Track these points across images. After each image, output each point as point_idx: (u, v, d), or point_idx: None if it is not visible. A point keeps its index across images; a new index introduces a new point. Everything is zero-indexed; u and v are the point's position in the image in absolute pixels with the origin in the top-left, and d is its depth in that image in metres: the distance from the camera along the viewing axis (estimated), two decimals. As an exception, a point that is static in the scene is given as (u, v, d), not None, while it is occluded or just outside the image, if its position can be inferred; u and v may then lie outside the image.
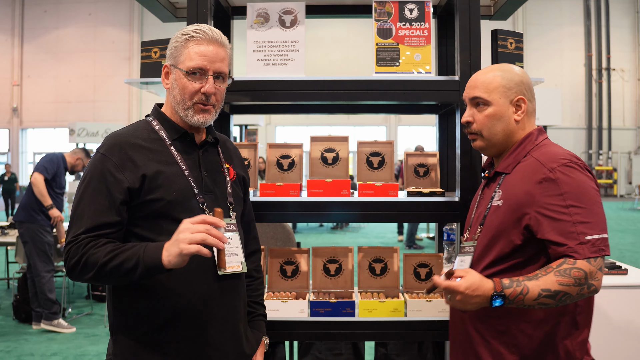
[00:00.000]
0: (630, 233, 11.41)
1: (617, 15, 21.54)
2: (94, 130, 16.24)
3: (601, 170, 21.13)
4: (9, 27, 21.29)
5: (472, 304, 1.37)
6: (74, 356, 4.22)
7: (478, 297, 1.36)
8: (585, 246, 1.36)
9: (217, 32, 1.49)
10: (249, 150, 2.25)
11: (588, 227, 1.37)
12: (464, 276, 1.38)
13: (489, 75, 1.56)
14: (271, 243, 3.44)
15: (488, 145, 1.58)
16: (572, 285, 1.34)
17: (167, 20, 2.63)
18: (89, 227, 1.37)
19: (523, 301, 1.36)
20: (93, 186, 1.40)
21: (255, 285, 1.72)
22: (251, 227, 1.74)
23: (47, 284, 4.73)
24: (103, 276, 1.35)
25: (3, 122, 21.55)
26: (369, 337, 2.06)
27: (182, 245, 1.26)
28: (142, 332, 1.44)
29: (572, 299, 1.37)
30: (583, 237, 1.36)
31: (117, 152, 1.42)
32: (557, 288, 1.34)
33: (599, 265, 1.37)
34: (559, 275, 1.35)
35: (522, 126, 1.56)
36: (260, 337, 1.67)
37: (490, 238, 1.50)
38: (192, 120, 1.48)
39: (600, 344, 2.59)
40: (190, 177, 1.47)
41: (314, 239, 10.63)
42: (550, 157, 1.45)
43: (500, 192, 1.51)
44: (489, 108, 1.54)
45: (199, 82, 1.46)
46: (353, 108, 2.64)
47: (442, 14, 2.49)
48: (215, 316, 1.47)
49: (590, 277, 1.35)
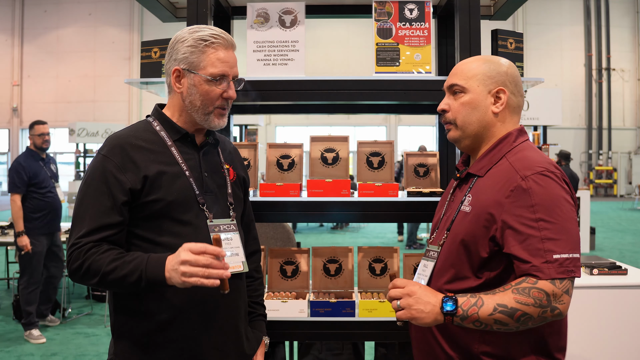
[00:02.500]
0: (630, 233, 11.41)
1: (617, 15, 21.54)
2: (94, 130, 16.23)
3: (601, 170, 21.13)
4: (9, 27, 21.29)
5: (419, 311, 1.28)
6: (74, 356, 4.22)
7: (427, 304, 1.28)
8: (551, 265, 1.24)
9: (230, 36, 1.51)
10: (249, 150, 2.25)
11: (557, 244, 1.25)
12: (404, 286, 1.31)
13: (469, 64, 1.47)
14: (271, 243, 3.44)
15: (462, 136, 1.47)
16: (532, 305, 1.23)
17: (167, 20, 2.63)
18: (91, 229, 1.38)
19: (478, 315, 1.25)
20: (95, 187, 1.41)
21: (255, 286, 1.72)
22: (251, 228, 1.74)
23: (27, 296, 4.57)
24: (105, 285, 1.37)
25: (3, 122, 21.56)
26: (369, 337, 2.06)
27: (183, 278, 1.28)
28: (143, 332, 1.44)
29: (534, 322, 1.26)
30: (550, 255, 1.24)
31: (118, 153, 1.42)
32: (515, 305, 1.23)
33: (566, 288, 1.25)
34: (517, 293, 1.24)
35: (501, 120, 1.44)
36: (261, 337, 1.67)
37: (455, 246, 1.40)
38: (211, 125, 1.50)
39: (601, 344, 2.59)
40: (191, 178, 1.47)
41: (314, 239, 10.63)
42: (526, 164, 1.34)
43: (470, 197, 1.41)
44: (465, 95, 1.44)
45: (219, 87, 1.47)
46: (353, 108, 2.64)
47: (442, 14, 2.49)
48: (216, 316, 1.48)
49: (553, 299, 1.24)
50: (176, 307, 1.43)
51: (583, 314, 2.56)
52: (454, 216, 1.45)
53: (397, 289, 1.33)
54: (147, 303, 1.43)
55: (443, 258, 1.44)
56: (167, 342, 1.44)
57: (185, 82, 1.48)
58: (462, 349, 1.39)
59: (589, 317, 2.57)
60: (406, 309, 1.30)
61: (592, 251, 9.03)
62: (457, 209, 1.45)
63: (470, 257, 1.37)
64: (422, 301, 1.29)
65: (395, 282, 1.34)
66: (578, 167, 21.22)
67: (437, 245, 1.48)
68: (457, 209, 1.45)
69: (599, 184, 21.16)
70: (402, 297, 1.31)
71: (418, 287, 1.32)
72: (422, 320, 1.29)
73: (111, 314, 1.51)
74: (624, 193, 21.40)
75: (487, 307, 1.25)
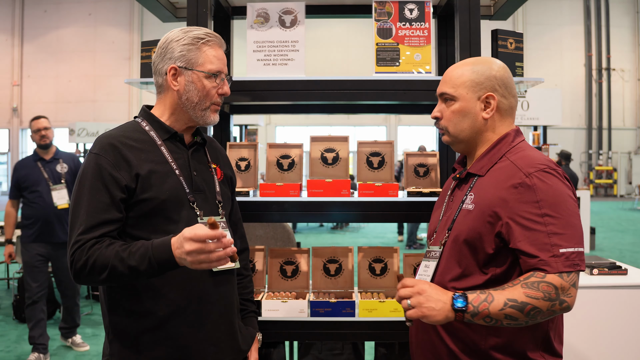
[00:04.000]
0: (630, 233, 11.40)
1: (617, 15, 21.54)
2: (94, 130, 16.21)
3: (601, 170, 21.13)
4: (9, 27, 21.29)
5: (430, 308, 1.27)
6: (74, 356, 4.22)
7: (438, 302, 1.27)
8: (558, 259, 1.26)
9: (219, 35, 1.57)
10: (248, 150, 2.25)
11: (563, 239, 1.28)
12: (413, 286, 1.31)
13: (458, 70, 1.48)
14: (271, 243, 3.44)
15: (455, 142, 1.51)
16: (542, 299, 1.25)
17: (167, 20, 2.63)
18: (91, 225, 1.37)
19: (488, 310, 1.26)
20: (90, 185, 1.40)
21: (245, 283, 1.75)
22: (238, 227, 1.76)
23: (26, 312, 4.08)
24: (114, 279, 1.35)
25: (3, 122, 21.55)
26: (369, 337, 2.06)
27: (193, 265, 1.29)
28: (139, 331, 1.44)
29: (543, 316, 1.28)
30: (557, 249, 1.27)
31: (111, 151, 1.43)
32: (525, 300, 1.25)
33: (573, 281, 1.28)
34: (527, 287, 1.26)
35: (492, 124, 1.46)
36: (254, 333, 1.69)
37: (459, 244, 1.40)
38: (208, 121, 1.53)
39: (601, 344, 2.59)
40: (181, 177, 1.49)
41: (314, 239, 10.63)
42: (528, 162, 1.36)
43: (472, 196, 1.41)
44: (455, 104, 1.46)
45: (216, 83, 1.52)
46: (353, 108, 2.64)
47: (442, 14, 2.49)
48: (211, 312, 1.49)
49: (562, 292, 1.26)
50: (172, 304, 1.44)
51: (583, 314, 2.56)
52: (455, 215, 1.45)
53: (407, 288, 1.32)
54: (143, 301, 1.44)
55: (447, 256, 1.44)
56: (163, 339, 1.44)
57: (182, 79, 1.50)
58: (468, 346, 1.39)
59: (589, 317, 2.57)
60: (417, 308, 1.29)
61: (592, 251, 9.02)
62: (458, 208, 1.45)
63: (475, 253, 1.38)
64: (433, 299, 1.29)
65: (404, 282, 1.34)
66: (578, 167, 21.22)
67: (439, 245, 1.47)
68: (459, 208, 1.45)
69: (599, 184, 21.16)
70: (412, 296, 1.30)
71: (428, 285, 1.32)
72: (434, 318, 1.28)
73: (105, 314, 1.50)
74: (624, 193, 21.39)
75: (497, 302, 1.26)
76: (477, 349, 1.38)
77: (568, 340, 2.51)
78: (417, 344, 1.53)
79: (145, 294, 1.43)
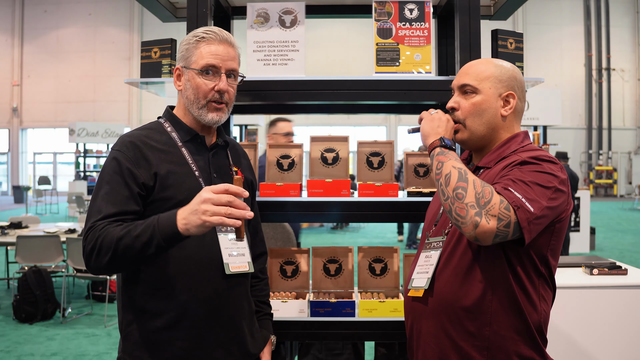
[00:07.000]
0: (630, 233, 11.41)
1: (617, 15, 21.55)
2: (94, 130, 16.24)
3: (601, 170, 21.14)
4: (9, 27, 21.30)
5: (433, 127, 1.49)
6: (74, 356, 4.22)
7: (440, 126, 1.48)
8: (505, 191, 1.28)
9: (226, 32, 1.54)
10: (248, 150, 2.25)
11: (521, 191, 1.29)
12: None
13: (481, 65, 1.51)
14: (271, 243, 3.43)
15: (470, 138, 1.51)
16: (475, 194, 1.28)
17: (167, 20, 2.63)
18: (107, 214, 1.36)
19: (445, 158, 1.40)
20: (109, 179, 1.41)
21: (261, 286, 1.75)
22: (257, 230, 1.76)
23: None
24: (119, 256, 1.31)
25: (3, 122, 21.57)
26: (369, 337, 2.06)
27: (204, 217, 1.24)
28: (151, 330, 1.45)
29: (452, 206, 1.31)
30: (510, 191, 1.29)
31: (132, 149, 1.44)
32: (467, 179, 1.31)
33: (503, 214, 1.26)
34: (479, 179, 1.32)
35: (508, 124, 1.49)
36: (268, 335, 1.69)
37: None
38: (206, 119, 1.51)
39: (600, 344, 2.59)
40: (200, 178, 1.49)
41: (314, 239, 10.63)
42: (535, 154, 1.39)
43: None
44: (476, 96, 1.48)
45: (212, 80, 1.50)
46: (353, 108, 2.64)
47: (442, 14, 2.49)
48: (222, 315, 1.50)
49: (487, 208, 1.26)
50: (183, 305, 1.44)
51: (583, 314, 2.56)
52: None
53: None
54: (155, 301, 1.44)
55: (454, 242, 1.44)
56: (173, 340, 1.45)
57: (183, 79, 1.52)
58: (472, 334, 1.39)
59: (589, 317, 2.57)
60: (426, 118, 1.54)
61: (592, 251, 9.03)
62: None
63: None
64: (438, 123, 1.51)
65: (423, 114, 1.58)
66: (578, 167, 21.23)
67: (442, 235, 1.49)
68: None
69: (599, 184, 21.17)
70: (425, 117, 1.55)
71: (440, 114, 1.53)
72: (426, 131, 1.52)
73: (119, 312, 1.52)
74: (624, 193, 21.40)
75: (452, 162, 1.38)
76: (481, 336, 1.39)
77: (568, 340, 2.51)
78: (421, 346, 1.51)
79: (158, 294, 1.44)
